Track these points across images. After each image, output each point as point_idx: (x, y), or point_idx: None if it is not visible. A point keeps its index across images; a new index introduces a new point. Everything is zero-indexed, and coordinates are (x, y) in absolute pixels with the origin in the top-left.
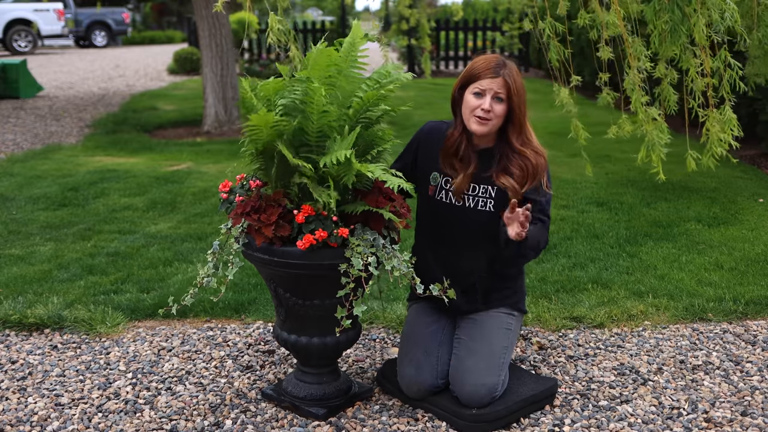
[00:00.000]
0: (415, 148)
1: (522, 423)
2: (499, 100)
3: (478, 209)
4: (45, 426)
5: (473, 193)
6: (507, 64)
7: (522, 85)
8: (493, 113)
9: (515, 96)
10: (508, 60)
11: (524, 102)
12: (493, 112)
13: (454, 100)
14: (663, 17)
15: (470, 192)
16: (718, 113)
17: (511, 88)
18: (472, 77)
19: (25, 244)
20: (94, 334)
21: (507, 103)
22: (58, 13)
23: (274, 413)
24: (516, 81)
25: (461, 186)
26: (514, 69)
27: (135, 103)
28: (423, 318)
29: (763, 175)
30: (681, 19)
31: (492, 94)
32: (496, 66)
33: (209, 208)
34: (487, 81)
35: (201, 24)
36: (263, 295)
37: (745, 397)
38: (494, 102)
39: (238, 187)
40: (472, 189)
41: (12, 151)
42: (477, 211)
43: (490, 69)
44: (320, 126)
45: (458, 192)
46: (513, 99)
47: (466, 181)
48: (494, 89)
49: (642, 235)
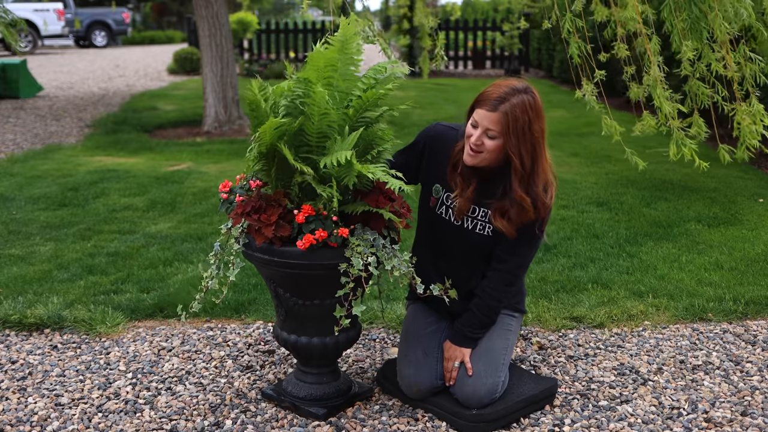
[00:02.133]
0: (421, 149)
1: (522, 423)
2: (492, 137)
3: (476, 232)
4: (45, 426)
5: (473, 215)
6: (512, 98)
7: (526, 126)
8: (484, 147)
9: (512, 137)
10: (523, 91)
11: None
12: (484, 146)
13: (467, 114)
14: (681, 15)
15: (469, 213)
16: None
17: (506, 128)
18: (477, 102)
19: (25, 244)
20: (94, 334)
21: (502, 141)
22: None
23: (274, 413)
24: (515, 121)
25: (462, 209)
26: (521, 105)
27: (135, 103)
28: (422, 318)
29: (763, 175)
30: (699, 16)
31: (483, 129)
32: (497, 99)
33: (209, 208)
34: (482, 113)
35: (201, 24)
36: (263, 295)
37: (745, 397)
38: (485, 137)
39: (238, 187)
40: (472, 210)
41: (12, 151)
42: (475, 234)
43: (490, 101)
44: (321, 127)
45: (460, 213)
46: (509, 140)
47: (467, 203)
48: (485, 125)
49: (642, 235)
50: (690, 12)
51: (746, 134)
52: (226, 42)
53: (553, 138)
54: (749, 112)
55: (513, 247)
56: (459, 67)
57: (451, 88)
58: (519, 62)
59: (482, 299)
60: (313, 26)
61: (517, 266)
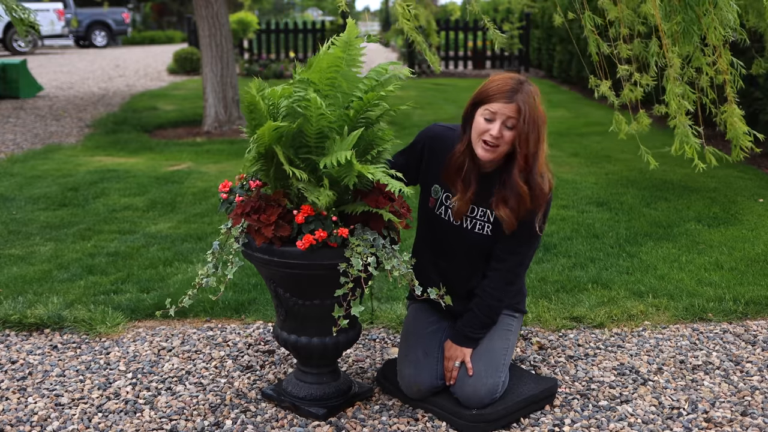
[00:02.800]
0: (420, 150)
1: (522, 423)
2: (510, 127)
3: (475, 231)
4: (45, 426)
5: (472, 215)
6: (523, 88)
7: (535, 116)
8: (502, 140)
9: (526, 125)
10: (526, 82)
11: (536, 132)
12: (502, 138)
13: (466, 116)
14: (675, 18)
15: (469, 213)
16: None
17: (524, 116)
18: (484, 98)
19: (25, 244)
20: (94, 334)
21: (517, 131)
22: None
23: (274, 413)
24: (529, 109)
25: (461, 210)
26: (532, 94)
27: (135, 103)
28: (422, 318)
29: (763, 175)
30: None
31: (503, 119)
32: (511, 90)
33: (209, 208)
34: (499, 105)
35: (201, 24)
36: (263, 295)
37: (745, 397)
38: (504, 129)
39: (238, 187)
40: (471, 210)
41: (12, 151)
42: (474, 234)
43: (504, 92)
44: (319, 127)
45: (458, 214)
46: (522, 127)
47: (466, 205)
48: (507, 114)
49: (642, 235)
50: (685, 15)
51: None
52: (226, 42)
53: (553, 138)
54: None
55: (513, 246)
56: (459, 67)
57: (451, 88)
58: (519, 62)
59: (483, 299)
60: (313, 26)
61: (518, 265)
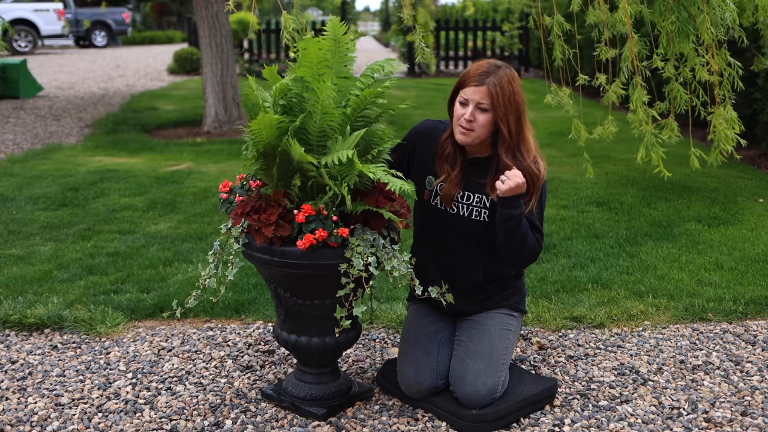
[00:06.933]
0: (411, 144)
1: (522, 423)
2: (483, 110)
3: (472, 218)
4: (45, 426)
5: (467, 202)
6: (497, 72)
7: (512, 96)
8: (476, 123)
9: (501, 107)
10: (503, 67)
11: (516, 115)
12: (476, 122)
13: (448, 104)
14: (669, 18)
15: (464, 200)
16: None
17: (496, 99)
18: (460, 84)
19: (25, 244)
20: (94, 334)
21: (492, 113)
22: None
23: (274, 413)
24: (503, 91)
25: (449, 192)
26: (506, 77)
27: (135, 103)
28: (423, 318)
29: (763, 175)
30: (687, 19)
31: (474, 103)
32: (482, 74)
33: (209, 208)
34: (471, 90)
35: (201, 24)
36: (263, 295)
37: (745, 397)
38: (477, 112)
39: (238, 187)
40: (467, 198)
41: (12, 151)
42: (471, 221)
43: (476, 77)
44: (322, 126)
45: (446, 197)
46: (498, 110)
47: (453, 186)
48: (476, 99)
49: (642, 235)
50: (678, 14)
51: (721, 138)
52: (226, 42)
53: (553, 138)
54: (725, 117)
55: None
56: (459, 67)
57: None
58: (519, 62)
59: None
60: (314, 26)
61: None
